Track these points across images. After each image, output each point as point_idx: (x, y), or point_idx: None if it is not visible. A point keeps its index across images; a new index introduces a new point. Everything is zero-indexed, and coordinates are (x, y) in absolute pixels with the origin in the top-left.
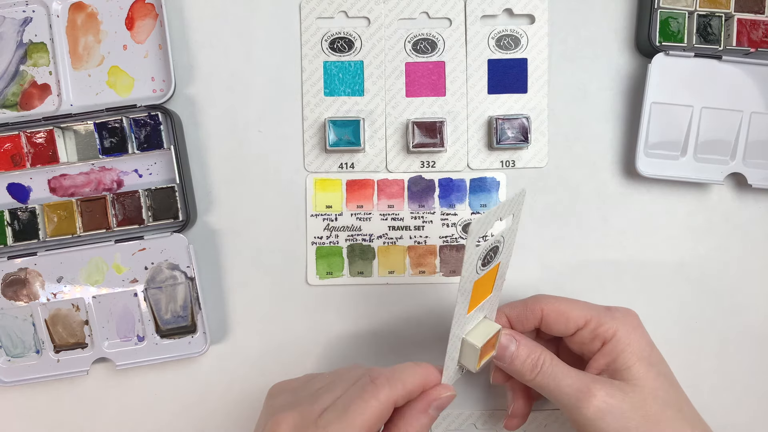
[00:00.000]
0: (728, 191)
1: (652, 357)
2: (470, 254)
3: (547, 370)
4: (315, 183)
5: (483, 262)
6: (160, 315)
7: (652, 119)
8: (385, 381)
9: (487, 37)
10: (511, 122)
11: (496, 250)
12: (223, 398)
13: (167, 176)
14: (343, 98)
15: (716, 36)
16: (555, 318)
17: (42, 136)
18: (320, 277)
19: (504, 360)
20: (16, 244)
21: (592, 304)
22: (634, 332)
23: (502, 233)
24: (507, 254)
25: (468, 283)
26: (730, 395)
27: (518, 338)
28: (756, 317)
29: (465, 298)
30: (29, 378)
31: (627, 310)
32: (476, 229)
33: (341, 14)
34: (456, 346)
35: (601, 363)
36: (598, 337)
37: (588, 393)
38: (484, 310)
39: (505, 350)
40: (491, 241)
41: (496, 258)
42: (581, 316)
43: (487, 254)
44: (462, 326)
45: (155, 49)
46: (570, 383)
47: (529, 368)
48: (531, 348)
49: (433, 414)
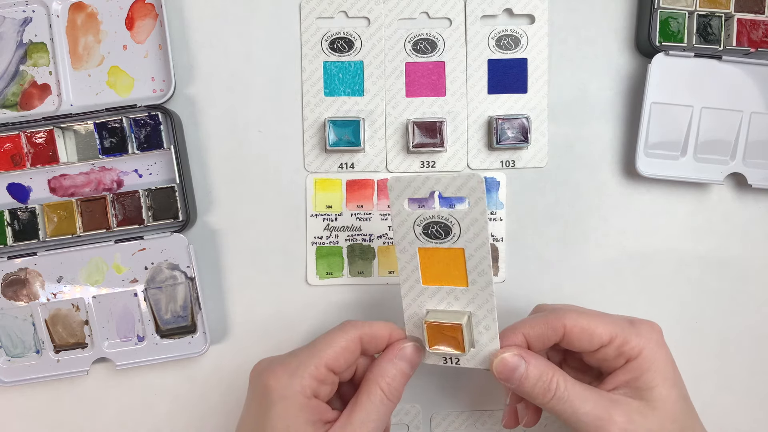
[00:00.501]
0: (728, 191)
1: (675, 378)
2: (396, 209)
3: (563, 395)
4: (315, 183)
5: (427, 233)
6: (160, 315)
7: (652, 119)
8: (352, 323)
9: (487, 37)
10: (511, 122)
11: (446, 229)
12: (223, 398)
13: (167, 176)
14: (343, 98)
15: (716, 36)
16: (578, 335)
17: (42, 136)
18: (320, 277)
19: (512, 382)
20: (16, 244)
21: (615, 318)
22: (660, 351)
23: (453, 213)
24: (475, 246)
25: (406, 242)
26: (731, 395)
27: (527, 357)
28: (756, 317)
29: (407, 259)
30: (29, 378)
31: (651, 325)
32: (393, 183)
33: (341, 14)
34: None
35: (621, 379)
36: (623, 355)
37: (608, 420)
38: (462, 302)
39: (514, 371)
40: (432, 213)
41: (450, 239)
42: (606, 333)
43: (430, 225)
44: (416, 297)
45: (155, 49)
46: (588, 410)
47: (542, 392)
48: (542, 369)
49: (399, 364)
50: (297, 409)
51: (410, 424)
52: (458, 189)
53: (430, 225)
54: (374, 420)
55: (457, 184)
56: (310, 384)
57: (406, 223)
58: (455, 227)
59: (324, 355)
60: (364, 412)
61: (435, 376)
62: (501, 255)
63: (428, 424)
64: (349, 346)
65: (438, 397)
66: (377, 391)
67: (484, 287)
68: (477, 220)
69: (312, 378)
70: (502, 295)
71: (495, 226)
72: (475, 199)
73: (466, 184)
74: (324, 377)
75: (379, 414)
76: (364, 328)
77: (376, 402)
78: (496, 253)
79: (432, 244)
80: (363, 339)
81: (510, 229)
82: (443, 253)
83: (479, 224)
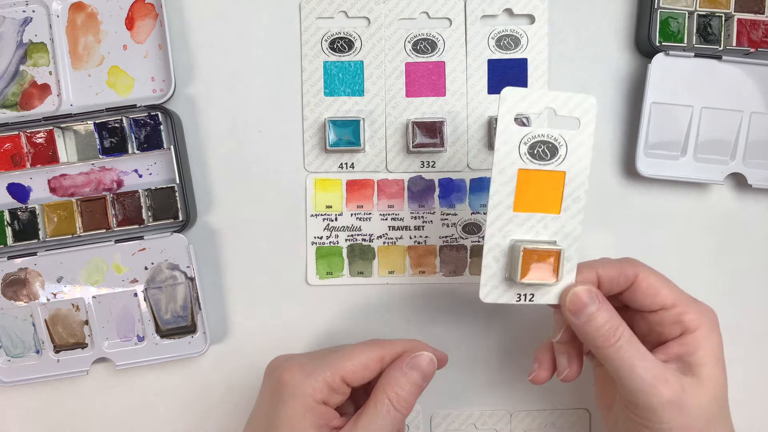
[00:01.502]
0: (728, 191)
1: (723, 360)
2: (505, 124)
3: (625, 345)
4: (315, 183)
5: (532, 153)
6: (160, 315)
7: (652, 119)
8: (379, 342)
9: (487, 37)
10: None
11: (553, 150)
12: (223, 398)
13: (167, 176)
14: (343, 98)
15: (716, 36)
16: (645, 289)
17: (42, 136)
18: (320, 277)
19: (580, 317)
20: (16, 244)
21: (681, 290)
22: (714, 332)
23: (563, 134)
24: (577, 170)
25: (507, 162)
26: (730, 395)
27: (601, 299)
28: (756, 317)
29: (504, 181)
30: (29, 378)
31: (710, 309)
32: (507, 93)
33: (341, 14)
34: (499, 245)
35: (674, 351)
36: (680, 324)
37: (664, 381)
38: (550, 230)
39: (585, 307)
40: (541, 132)
41: (554, 161)
42: (670, 297)
43: (537, 145)
44: (504, 225)
45: (155, 49)
46: (646, 367)
47: (606, 335)
48: (611, 315)
49: (410, 374)
50: (304, 410)
51: (410, 424)
52: (573, 108)
53: (537, 144)
54: (379, 430)
55: (573, 102)
56: (321, 389)
57: (512, 140)
58: (562, 148)
59: (343, 366)
60: (370, 422)
61: (435, 376)
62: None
63: (428, 424)
64: (369, 365)
65: (438, 397)
66: (385, 401)
67: (576, 214)
68: (584, 142)
69: (325, 383)
70: None
71: None
72: (587, 120)
73: (581, 104)
74: (337, 386)
75: (384, 424)
76: (388, 346)
77: (382, 412)
78: None
79: (535, 165)
80: (385, 359)
81: None
82: (543, 177)
83: (586, 146)
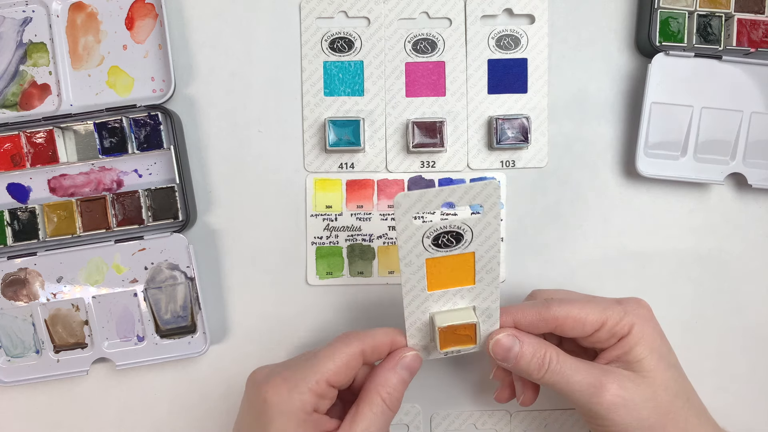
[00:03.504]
0: (728, 191)
1: (663, 348)
2: (404, 225)
3: (555, 368)
4: (315, 183)
5: (436, 243)
6: (160, 315)
7: (652, 119)
8: (354, 335)
9: (487, 37)
10: (511, 122)
11: (458, 237)
12: (223, 398)
13: (167, 176)
14: (343, 98)
15: (716, 36)
16: (571, 325)
17: (42, 136)
18: (320, 277)
19: (508, 361)
20: (16, 244)
21: (603, 301)
22: (647, 324)
23: (465, 221)
24: (486, 247)
25: (413, 255)
26: (730, 395)
27: (521, 337)
28: (756, 317)
29: (413, 271)
30: (29, 378)
31: (638, 301)
32: (400, 200)
33: (341, 14)
34: (420, 319)
35: (613, 354)
36: (615, 335)
37: (600, 387)
38: (467, 299)
39: (509, 351)
40: (443, 224)
41: (461, 245)
42: (597, 319)
43: (440, 236)
44: (420, 304)
45: (155, 49)
46: (580, 379)
47: (536, 367)
48: (536, 346)
49: (401, 373)
50: (296, 425)
51: (410, 424)
52: (474, 197)
53: (440, 235)
54: (375, 430)
55: (473, 192)
56: (310, 400)
57: (414, 237)
58: (467, 234)
59: (325, 370)
60: (366, 423)
61: (435, 376)
62: (501, 255)
63: (428, 424)
64: (351, 363)
65: (438, 397)
66: (378, 401)
67: (491, 282)
68: (490, 223)
69: (312, 393)
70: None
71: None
72: (491, 204)
73: (483, 191)
74: (324, 392)
75: (379, 424)
76: (366, 339)
77: (377, 412)
78: None
79: (442, 253)
80: (365, 352)
81: (510, 229)
82: (452, 260)
83: (492, 227)
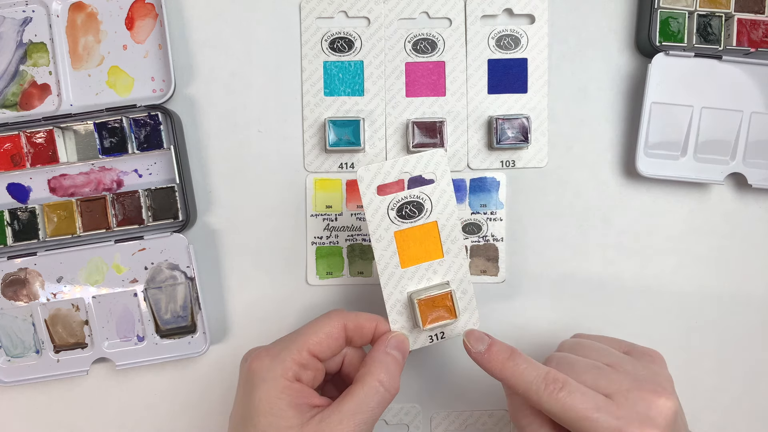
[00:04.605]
0: (728, 191)
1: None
2: (369, 199)
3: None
4: (315, 183)
5: (401, 215)
6: (160, 315)
7: (652, 119)
8: (338, 311)
9: (487, 37)
10: (511, 122)
11: (419, 206)
12: (223, 398)
13: (167, 176)
14: (343, 98)
15: (716, 36)
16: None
17: (42, 136)
18: (320, 277)
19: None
20: (16, 244)
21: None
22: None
23: (422, 190)
24: (446, 215)
25: (381, 229)
26: (730, 395)
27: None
28: (756, 317)
29: (384, 246)
30: (29, 378)
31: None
32: (362, 173)
33: (341, 14)
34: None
35: None
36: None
37: None
38: (439, 273)
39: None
40: (403, 195)
41: (423, 215)
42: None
43: (403, 207)
44: (396, 283)
45: (155, 49)
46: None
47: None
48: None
49: (392, 353)
50: (278, 391)
51: (410, 424)
52: (425, 165)
53: (403, 206)
54: (365, 411)
55: (423, 161)
56: (291, 367)
57: (380, 210)
58: (426, 203)
59: (307, 340)
60: (356, 403)
61: (435, 376)
62: (501, 255)
63: (428, 424)
64: (333, 333)
65: (438, 397)
66: (373, 383)
67: (458, 253)
68: (445, 191)
69: (294, 362)
70: (502, 295)
71: (495, 226)
72: (441, 171)
73: (432, 159)
74: (306, 362)
75: (372, 404)
76: (349, 317)
77: (370, 393)
78: (496, 253)
79: (407, 224)
80: (348, 327)
81: (510, 229)
82: (418, 231)
83: (447, 194)
